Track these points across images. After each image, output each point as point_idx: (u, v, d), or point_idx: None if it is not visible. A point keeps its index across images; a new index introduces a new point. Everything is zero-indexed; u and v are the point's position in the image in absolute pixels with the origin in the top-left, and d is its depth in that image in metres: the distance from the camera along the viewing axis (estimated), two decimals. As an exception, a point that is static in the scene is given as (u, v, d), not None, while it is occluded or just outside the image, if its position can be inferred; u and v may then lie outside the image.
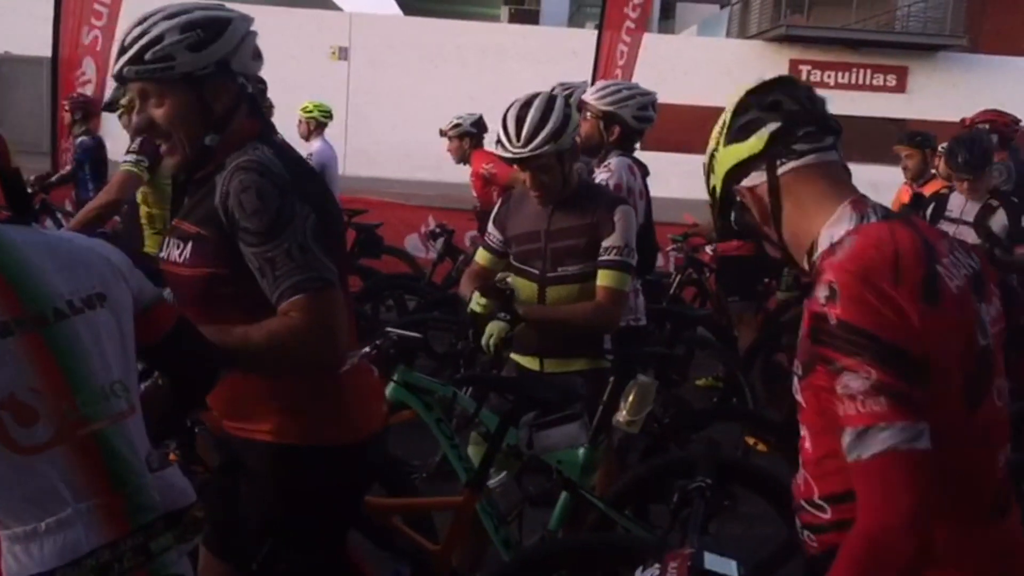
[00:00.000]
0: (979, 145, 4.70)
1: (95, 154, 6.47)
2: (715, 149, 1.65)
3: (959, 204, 4.77)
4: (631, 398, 2.91)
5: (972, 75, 21.87)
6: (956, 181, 4.73)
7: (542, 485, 3.37)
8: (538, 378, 3.03)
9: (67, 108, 6.81)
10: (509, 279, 3.18)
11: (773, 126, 1.58)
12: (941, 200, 4.92)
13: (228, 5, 1.94)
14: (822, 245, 1.52)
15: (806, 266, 1.57)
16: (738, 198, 1.65)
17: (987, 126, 5.89)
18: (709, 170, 1.68)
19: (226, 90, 1.87)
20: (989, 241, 4.57)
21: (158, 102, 1.84)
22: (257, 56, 1.94)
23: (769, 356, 6.11)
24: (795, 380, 1.52)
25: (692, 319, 5.88)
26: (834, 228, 1.52)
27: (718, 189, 1.66)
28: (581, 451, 2.89)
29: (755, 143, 1.59)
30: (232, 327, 1.80)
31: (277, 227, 1.76)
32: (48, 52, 7.80)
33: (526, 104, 2.92)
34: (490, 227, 3.21)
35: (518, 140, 2.87)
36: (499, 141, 2.96)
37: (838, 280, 1.38)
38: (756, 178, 1.60)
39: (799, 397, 1.51)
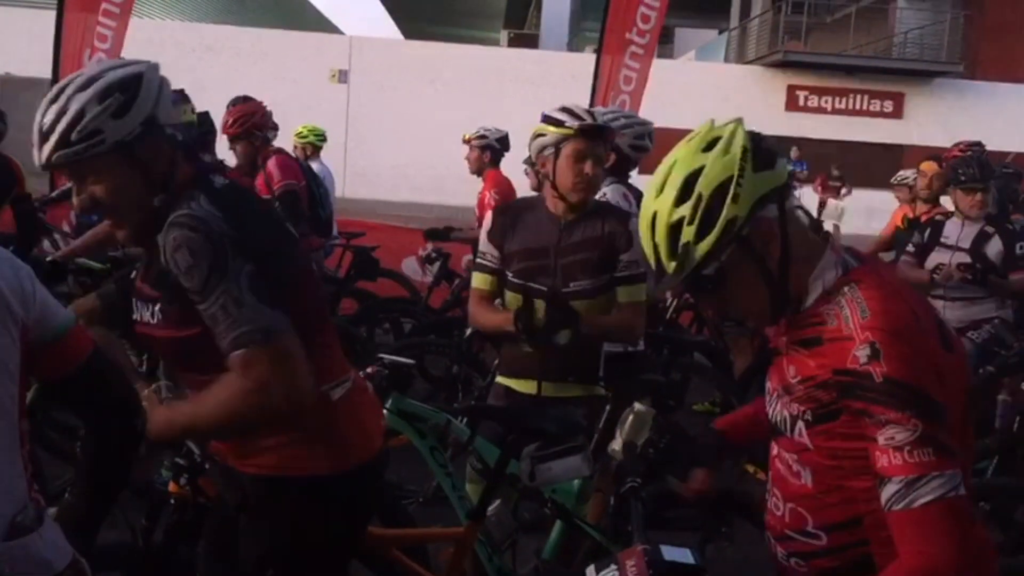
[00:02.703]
0: (979, 159, 4.78)
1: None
2: (738, 176, 1.50)
3: (955, 231, 4.78)
4: (627, 426, 2.89)
5: (968, 101, 22.01)
6: (975, 196, 4.66)
7: (536, 512, 3.34)
8: (539, 409, 3.00)
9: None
10: (496, 301, 3.15)
11: (786, 160, 1.57)
12: (937, 226, 4.92)
13: (231, 28, 1.91)
14: (814, 291, 1.56)
15: (788, 313, 1.58)
16: (744, 233, 1.51)
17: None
18: (722, 198, 1.49)
19: (159, 146, 1.80)
20: (985, 267, 4.58)
21: (96, 179, 1.76)
22: (175, 102, 1.86)
23: (765, 381, 6.09)
24: (793, 424, 1.57)
25: (689, 345, 5.87)
26: (824, 274, 1.55)
27: (741, 218, 1.50)
28: (576, 480, 2.87)
29: (781, 173, 1.54)
30: (183, 405, 1.78)
31: (211, 283, 1.71)
32: (48, 73, 7.83)
33: None
34: (484, 245, 3.08)
35: (592, 118, 2.94)
36: (554, 120, 2.93)
37: (879, 340, 1.43)
38: (771, 211, 1.53)
39: (803, 439, 1.55)
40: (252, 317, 1.71)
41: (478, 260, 3.12)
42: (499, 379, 3.16)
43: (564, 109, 2.96)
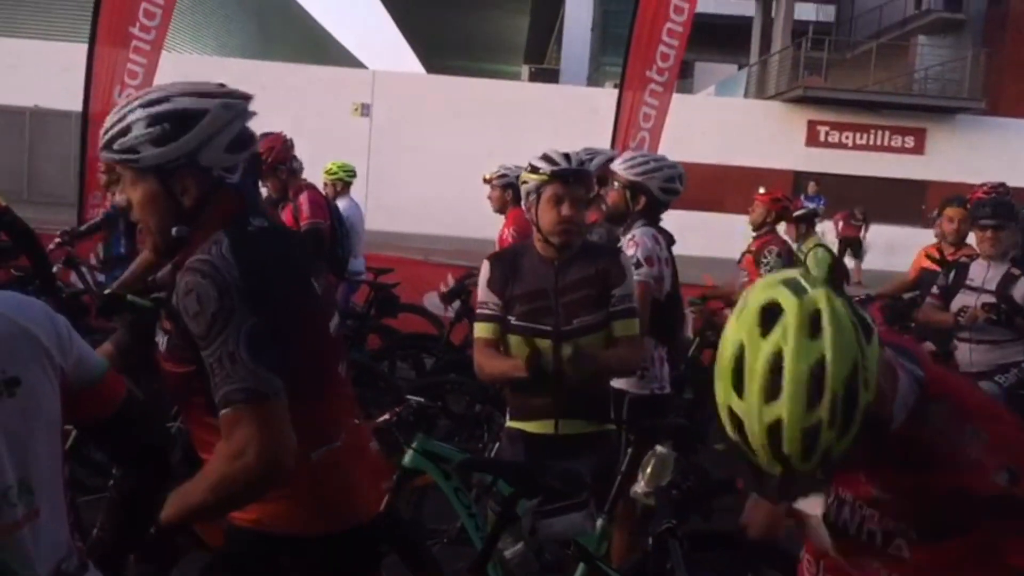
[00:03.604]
0: (1001, 199, 4.74)
1: (130, 212, 6.56)
2: (861, 359, 1.35)
3: (980, 273, 4.74)
4: (649, 469, 2.88)
5: (990, 137, 21.93)
6: (985, 233, 4.63)
7: (558, 553, 3.33)
8: (542, 464, 2.99)
9: (103, 170, 6.91)
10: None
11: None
12: (962, 268, 4.88)
13: (257, 62, 1.92)
14: (898, 416, 1.53)
15: (873, 440, 1.52)
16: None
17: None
18: (855, 388, 1.35)
19: (195, 183, 1.82)
20: (1012, 310, 4.55)
21: (131, 188, 1.86)
22: (235, 148, 1.84)
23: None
24: (887, 539, 1.58)
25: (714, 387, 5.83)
26: (906, 399, 1.53)
27: (872, 401, 1.38)
28: (598, 523, 2.86)
29: (878, 336, 1.45)
30: (182, 489, 1.77)
31: (212, 333, 1.73)
32: (77, 106, 7.96)
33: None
34: (485, 295, 3.10)
35: (568, 161, 2.99)
36: (533, 168, 3.01)
37: (1014, 463, 1.48)
38: None
39: (901, 553, 1.58)
40: (243, 376, 1.71)
41: (479, 310, 3.13)
42: (511, 423, 3.15)
43: (544, 156, 3.04)
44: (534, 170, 3.02)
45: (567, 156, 3.01)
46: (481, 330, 3.10)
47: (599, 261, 3.04)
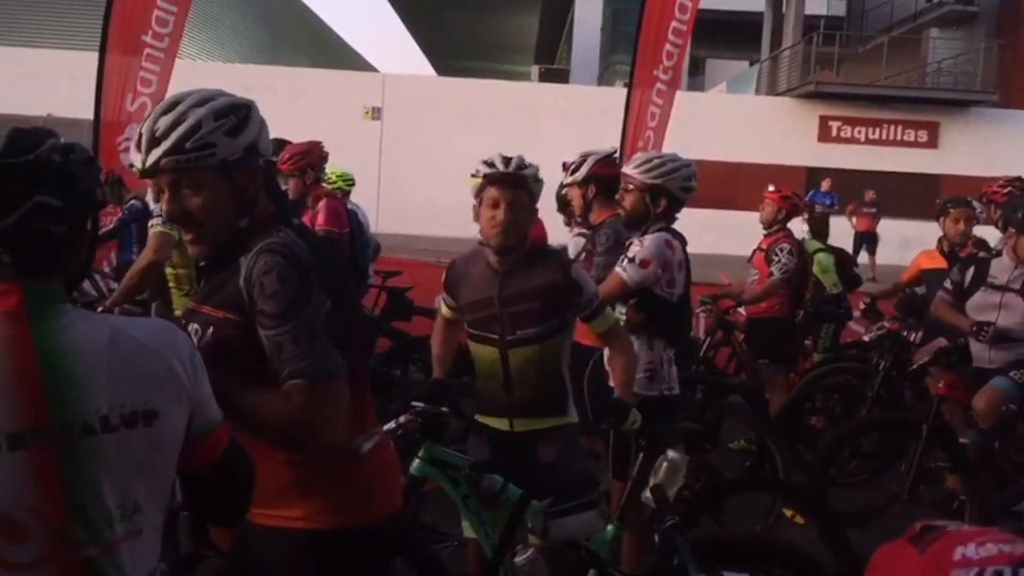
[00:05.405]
0: None
1: (143, 217, 6.62)
2: None
3: (1004, 271, 4.59)
4: (661, 474, 2.87)
5: (1003, 130, 21.75)
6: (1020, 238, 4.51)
7: (570, 560, 3.31)
8: (552, 466, 3.00)
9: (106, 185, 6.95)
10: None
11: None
12: (982, 264, 4.77)
13: (268, 67, 1.95)
14: None
15: None
16: None
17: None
18: None
19: (254, 173, 1.89)
20: None
21: (193, 192, 1.83)
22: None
23: (801, 419, 6.02)
24: None
25: (725, 388, 5.80)
26: None
27: None
28: (609, 528, 2.85)
29: None
30: (244, 397, 1.77)
31: (290, 312, 1.76)
32: (89, 114, 7.97)
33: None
34: (443, 292, 3.30)
35: (506, 165, 2.99)
36: (475, 171, 3.04)
37: None
38: None
39: None
40: (320, 353, 1.76)
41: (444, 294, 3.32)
42: (476, 416, 3.23)
43: (485, 160, 3.05)
44: (475, 174, 3.06)
45: (507, 160, 3.02)
46: (443, 308, 3.36)
47: (546, 274, 3.03)
